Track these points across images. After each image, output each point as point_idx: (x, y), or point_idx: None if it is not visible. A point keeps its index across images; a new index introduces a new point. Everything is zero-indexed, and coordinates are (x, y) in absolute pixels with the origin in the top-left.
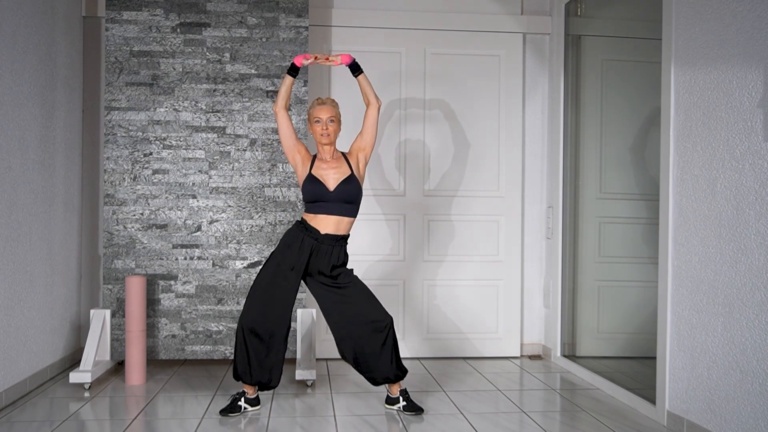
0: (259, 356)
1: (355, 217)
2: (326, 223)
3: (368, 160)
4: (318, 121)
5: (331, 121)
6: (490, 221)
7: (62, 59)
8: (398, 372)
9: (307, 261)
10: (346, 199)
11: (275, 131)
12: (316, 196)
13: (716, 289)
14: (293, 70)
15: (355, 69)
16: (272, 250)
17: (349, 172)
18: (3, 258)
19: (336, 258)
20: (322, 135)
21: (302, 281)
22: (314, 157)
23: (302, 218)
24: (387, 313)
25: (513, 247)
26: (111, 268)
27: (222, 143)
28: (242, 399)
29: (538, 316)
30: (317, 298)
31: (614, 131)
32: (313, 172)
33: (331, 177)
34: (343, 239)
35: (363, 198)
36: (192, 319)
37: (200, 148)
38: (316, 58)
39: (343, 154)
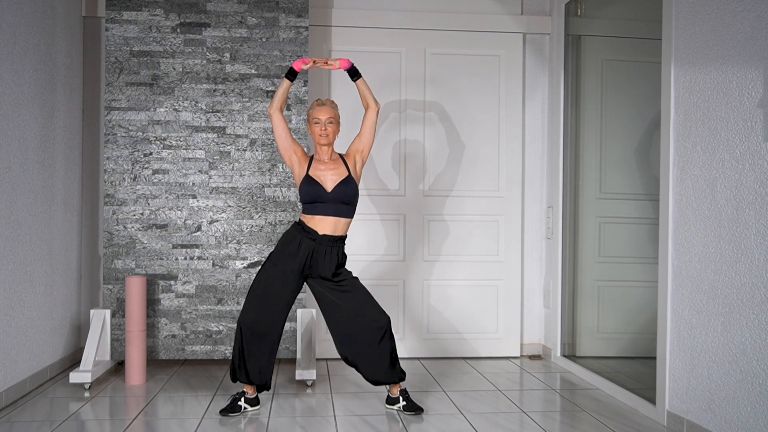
0: (257, 356)
1: (352, 217)
2: (324, 224)
3: (365, 161)
4: (317, 122)
5: (330, 122)
6: (490, 221)
7: (62, 59)
8: (395, 376)
9: (307, 263)
10: (344, 200)
11: None
12: (313, 197)
13: (716, 289)
14: (291, 74)
15: (354, 73)
16: (271, 251)
17: (347, 174)
18: (3, 258)
19: (335, 259)
20: (320, 136)
21: (305, 283)
22: (311, 158)
23: (300, 219)
24: (384, 313)
25: (513, 247)
26: (111, 268)
27: (222, 143)
28: (242, 399)
29: (538, 316)
30: (317, 298)
31: (614, 131)
32: (310, 173)
33: (329, 178)
34: (341, 240)
35: (363, 198)
36: (192, 319)
37: (200, 148)
38: (315, 62)
39: (340, 155)
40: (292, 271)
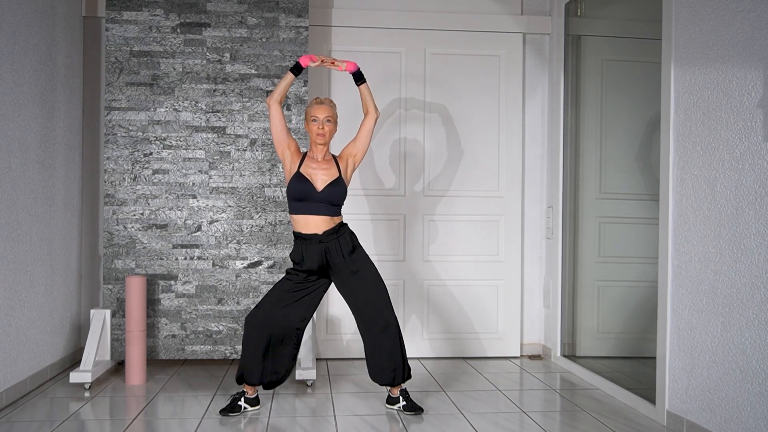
0: (263, 356)
1: (340, 215)
2: (315, 224)
3: (357, 166)
4: (315, 120)
5: (328, 121)
6: (490, 221)
7: (62, 59)
8: (398, 377)
9: (323, 262)
10: (332, 201)
11: None
12: (302, 194)
13: (716, 289)
14: (297, 69)
15: (359, 78)
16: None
17: (338, 175)
18: (3, 258)
19: (346, 243)
20: (317, 134)
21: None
22: (304, 154)
23: (294, 231)
24: (391, 309)
25: (513, 247)
26: (111, 268)
27: (222, 143)
28: (242, 399)
29: (538, 316)
30: (342, 294)
31: (614, 131)
32: (301, 170)
33: (320, 177)
34: (342, 227)
35: (363, 198)
36: (192, 319)
37: (200, 148)
38: (322, 61)
39: (333, 156)
40: (312, 274)
